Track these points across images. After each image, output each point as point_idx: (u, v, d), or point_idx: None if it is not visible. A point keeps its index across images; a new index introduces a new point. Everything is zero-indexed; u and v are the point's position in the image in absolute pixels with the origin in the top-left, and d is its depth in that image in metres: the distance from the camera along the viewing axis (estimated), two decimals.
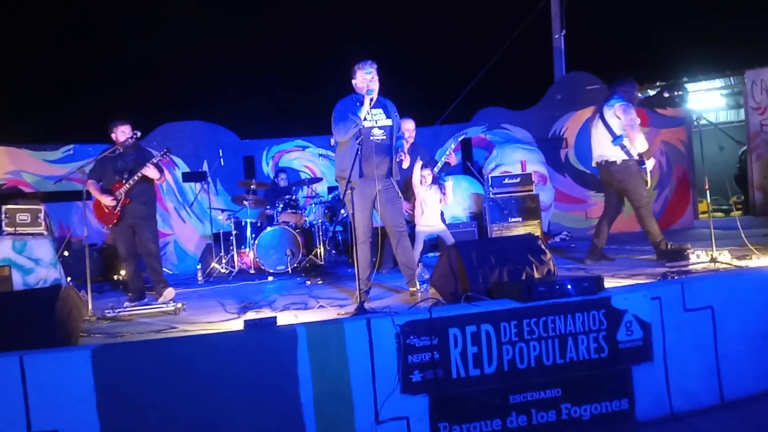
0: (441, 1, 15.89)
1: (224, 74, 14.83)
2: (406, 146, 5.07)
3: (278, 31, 15.55)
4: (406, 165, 4.95)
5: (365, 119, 4.70)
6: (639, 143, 5.63)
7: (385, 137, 4.77)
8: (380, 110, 4.82)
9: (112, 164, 5.63)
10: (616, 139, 5.64)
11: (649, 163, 5.75)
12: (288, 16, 15.68)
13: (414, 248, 5.79)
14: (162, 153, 5.72)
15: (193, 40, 14.49)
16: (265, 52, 15.35)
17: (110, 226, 5.69)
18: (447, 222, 6.55)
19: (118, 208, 5.58)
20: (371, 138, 4.71)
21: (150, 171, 5.59)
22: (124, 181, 5.59)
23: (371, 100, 4.65)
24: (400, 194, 4.92)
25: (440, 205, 6.10)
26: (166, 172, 6.08)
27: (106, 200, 5.55)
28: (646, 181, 5.74)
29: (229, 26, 15.67)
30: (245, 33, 15.49)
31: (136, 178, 5.57)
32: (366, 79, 4.73)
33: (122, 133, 5.62)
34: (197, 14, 14.61)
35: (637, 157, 5.69)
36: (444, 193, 6.02)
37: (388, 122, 4.81)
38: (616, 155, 5.66)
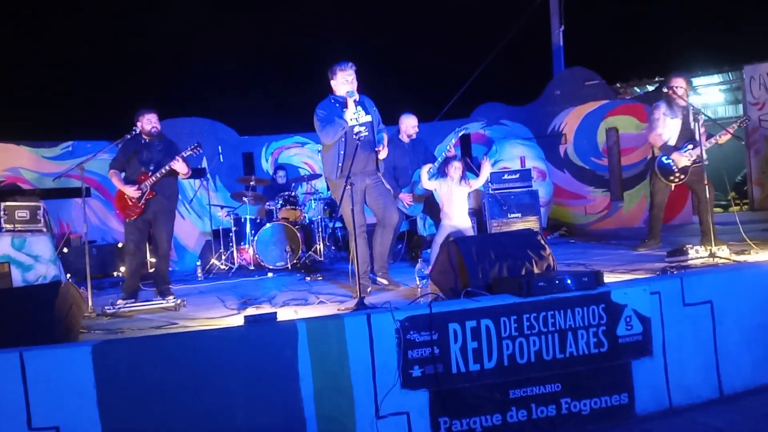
0: None
1: (223, 71, 14.83)
2: (386, 136, 5.16)
3: (277, 27, 15.53)
4: (383, 155, 4.99)
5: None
6: (651, 140, 5.94)
7: (367, 133, 4.94)
8: (359, 107, 4.95)
9: (138, 155, 5.47)
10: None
11: (676, 157, 5.88)
12: (286, 11, 15.65)
13: (434, 240, 5.78)
14: (193, 147, 5.53)
15: (191, 36, 14.47)
16: (263, 49, 15.32)
17: (131, 218, 5.48)
18: None
19: (143, 201, 5.41)
20: (354, 136, 4.84)
21: (179, 165, 5.42)
22: (150, 174, 5.42)
23: (354, 101, 4.79)
24: (389, 188, 5.01)
25: (466, 203, 5.91)
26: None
27: (130, 191, 5.37)
28: (665, 181, 5.93)
29: (228, 22, 15.64)
30: (244, 29, 15.45)
31: (163, 171, 5.39)
32: (347, 80, 4.85)
33: (148, 121, 5.48)
34: (195, 10, 14.58)
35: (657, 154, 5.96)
36: (475, 176, 5.84)
37: (368, 118, 4.97)
38: (647, 153, 5.92)
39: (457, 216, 5.67)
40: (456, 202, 5.67)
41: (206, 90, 13.85)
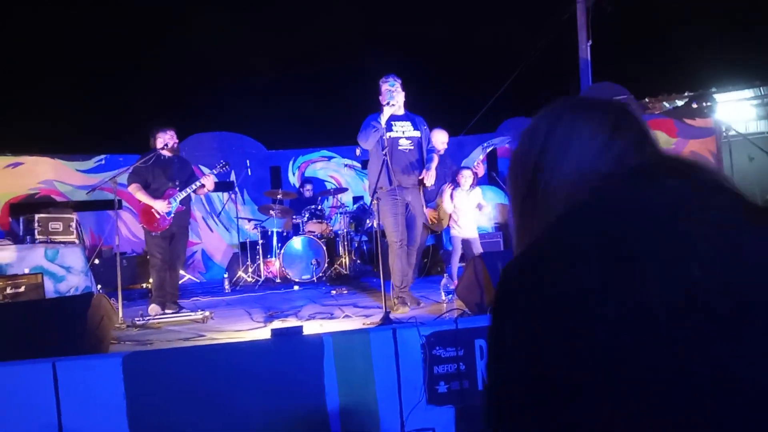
0: (466, 11, 15.94)
1: (251, 85, 15.04)
2: (436, 159, 5.13)
3: (306, 42, 15.73)
4: (429, 184, 4.97)
5: (392, 130, 4.84)
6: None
7: (412, 147, 4.92)
8: (408, 122, 4.96)
9: (163, 170, 5.58)
10: None
11: None
12: (315, 27, 15.86)
13: (453, 254, 5.86)
14: (221, 165, 5.81)
15: (221, 52, 14.73)
16: (291, 63, 15.53)
17: (159, 232, 5.53)
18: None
19: (172, 215, 5.51)
20: (399, 148, 4.86)
21: (210, 181, 5.64)
22: (178, 189, 5.55)
23: (389, 104, 4.77)
24: (424, 209, 4.97)
25: (476, 212, 5.94)
26: None
27: (161, 206, 5.43)
28: None
29: (257, 38, 15.89)
30: (271, 44, 15.70)
31: (194, 186, 5.56)
32: (389, 90, 4.89)
33: (171, 137, 5.65)
34: (225, 26, 14.86)
35: None
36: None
37: (416, 133, 4.95)
38: None
39: (465, 226, 5.79)
40: (465, 211, 5.79)
41: (235, 104, 14.07)
